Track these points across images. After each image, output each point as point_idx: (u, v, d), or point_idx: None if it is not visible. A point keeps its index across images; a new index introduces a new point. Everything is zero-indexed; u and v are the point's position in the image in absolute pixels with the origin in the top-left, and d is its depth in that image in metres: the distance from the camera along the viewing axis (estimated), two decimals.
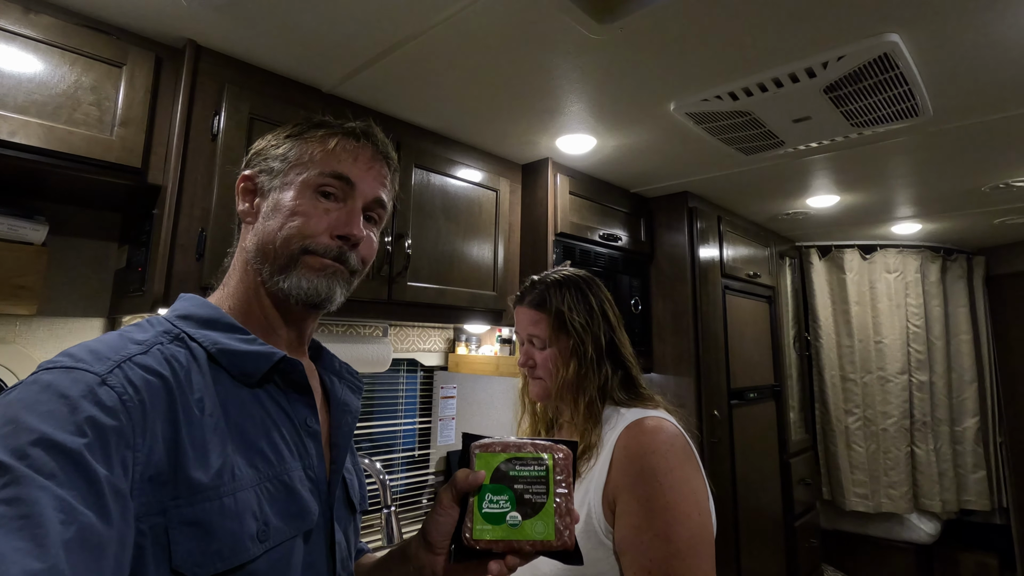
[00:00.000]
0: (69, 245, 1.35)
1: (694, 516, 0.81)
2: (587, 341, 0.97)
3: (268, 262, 0.64)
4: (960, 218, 2.71)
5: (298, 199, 0.64)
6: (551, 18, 1.14)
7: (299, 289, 0.63)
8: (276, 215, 0.64)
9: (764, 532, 2.45)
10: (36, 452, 0.41)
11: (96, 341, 0.53)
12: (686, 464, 0.84)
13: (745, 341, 2.51)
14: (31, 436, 0.42)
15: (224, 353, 0.59)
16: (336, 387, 0.73)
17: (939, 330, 3.11)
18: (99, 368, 0.49)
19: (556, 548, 0.58)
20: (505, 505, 0.60)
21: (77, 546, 0.40)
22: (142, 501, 0.47)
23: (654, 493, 0.81)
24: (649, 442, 0.85)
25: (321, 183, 0.65)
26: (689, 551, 0.78)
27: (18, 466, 0.40)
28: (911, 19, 1.14)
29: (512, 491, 0.60)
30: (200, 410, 0.54)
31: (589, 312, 1.00)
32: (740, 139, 1.72)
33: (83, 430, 0.44)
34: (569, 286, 1.02)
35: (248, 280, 0.66)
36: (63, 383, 0.46)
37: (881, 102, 1.45)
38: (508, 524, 0.59)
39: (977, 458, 3.05)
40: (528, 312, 1.03)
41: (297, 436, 0.62)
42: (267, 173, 0.68)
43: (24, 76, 1.04)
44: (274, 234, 0.64)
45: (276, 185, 0.66)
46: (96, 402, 0.46)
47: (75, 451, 0.43)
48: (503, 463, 0.62)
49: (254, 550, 0.52)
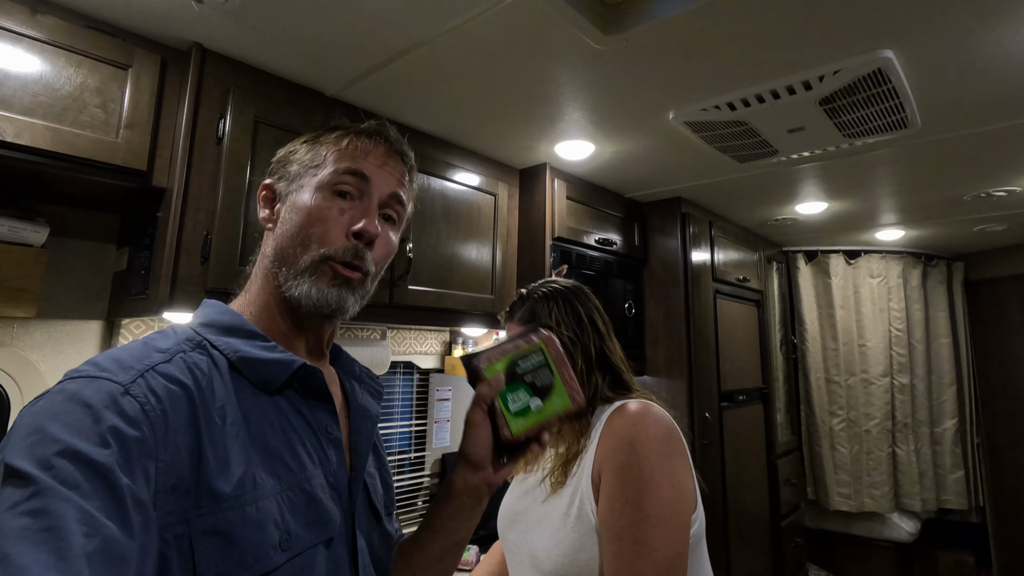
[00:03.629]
0: (67, 247, 1.33)
1: (666, 487, 0.81)
2: (576, 353, 0.97)
3: (285, 266, 0.64)
4: (941, 225, 2.79)
5: (314, 200, 0.64)
6: (558, 29, 1.16)
7: (309, 299, 0.62)
8: (293, 218, 0.64)
9: (752, 532, 2.50)
10: (61, 463, 0.41)
11: (121, 349, 0.53)
12: (668, 444, 0.85)
13: (735, 344, 2.55)
14: (56, 447, 0.42)
15: (244, 361, 0.59)
16: (356, 392, 0.72)
17: (920, 334, 3.20)
18: (122, 378, 0.49)
19: (574, 412, 0.68)
20: (525, 397, 0.68)
21: (100, 559, 0.40)
22: (165, 511, 0.47)
23: (629, 462, 0.82)
24: (632, 417, 0.87)
25: (336, 181, 0.64)
26: (659, 518, 0.79)
27: (43, 477, 0.40)
28: (904, 36, 1.18)
29: (525, 384, 0.69)
30: (222, 419, 0.54)
31: (578, 323, 1.00)
32: (735, 147, 1.76)
33: (106, 440, 0.44)
34: (556, 299, 1.03)
35: (268, 286, 0.66)
36: (87, 392, 0.46)
37: (873, 114, 1.49)
38: (534, 411, 0.67)
39: (956, 459, 3.14)
40: (517, 328, 1.04)
41: (318, 443, 0.62)
42: (284, 179, 0.68)
43: (30, 78, 1.04)
44: (292, 238, 0.64)
45: (292, 189, 0.66)
46: (119, 412, 0.46)
47: (99, 462, 0.43)
48: (508, 365, 0.70)
49: (277, 559, 0.52)
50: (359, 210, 0.65)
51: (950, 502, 3.12)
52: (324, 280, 0.63)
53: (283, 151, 0.71)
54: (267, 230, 0.69)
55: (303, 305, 0.63)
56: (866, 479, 3.05)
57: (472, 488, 0.68)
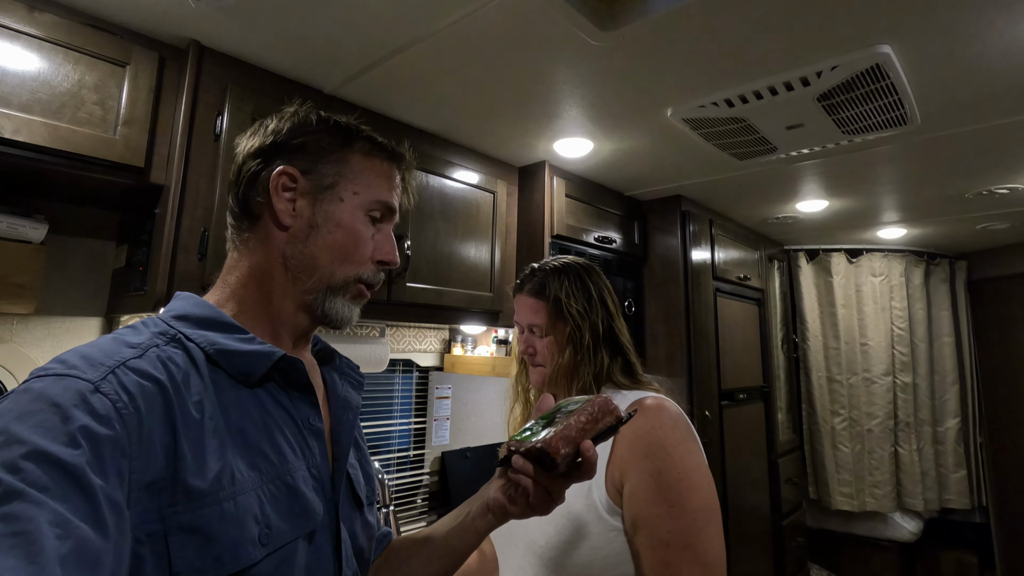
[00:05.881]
0: (66, 244, 1.34)
1: (704, 486, 0.82)
2: (584, 328, 0.97)
3: (315, 277, 0.64)
4: (944, 223, 2.78)
5: (356, 223, 0.66)
6: (554, 25, 1.16)
7: (337, 314, 0.65)
8: (334, 232, 0.64)
9: (753, 531, 2.49)
10: (29, 465, 0.40)
11: (89, 346, 0.52)
12: (690, 439, 0.86)
13: (735, 343, 2.55)
14: (23, 448, 0.41)
15: (222, 354, 0.58)
16: (337, 383, 0.72)
17: (922, 333, 3.18)
18: (92, 375, 0.47)
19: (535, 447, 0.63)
20: (540, 426, 0.68)
21: (73, 561, 0.39)
22: (139, 509, 0.46)
23: (665, 466, 0.81)
24: (655, 418, 0.85)
25: (374, 209, 0.68)
26: (704, 520, 0.79)
27: (11, 480, 0.39)
28: (903, 31, 1.18)
29: (551, 418, 0.68)
30: (199, 413, 0.53)
31: (588, 299, 1.00)
32: (734, 145, 1.75)
33: (76, 441, 0.43)
34: (568, 273, 1.02)
35: (271, 284, 0.64)
36: (54, 391, 0.45)
37: (872, 111, 1.49)
38: (528, 435, 0.67)
39: (958, 458, 3.12)
40: (528, 300, 1.03)
41: (300, 435, 0.61)
42: (311, 175, 0.65)
43: (28, 74, 1.04)
44: (330, 251, 0.64)
45: (327, 197, 0.65)
46: (89, 411, 0.45)
47: (69, 463, 0.42)
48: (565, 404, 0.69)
49: (256, 554, 0.52)
50: (385, 240, 0.69)
51: (953, 501, 3.10)
52: (353, 299, 0.67)
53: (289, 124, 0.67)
54: (278, 225, 0.64)
55: (329, 319, 0.66)
56: (868, 478, 3.03)
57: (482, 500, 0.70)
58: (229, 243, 0.68)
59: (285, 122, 0.68)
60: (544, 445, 0.61)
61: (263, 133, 0.67)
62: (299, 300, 0.64)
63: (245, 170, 0.66)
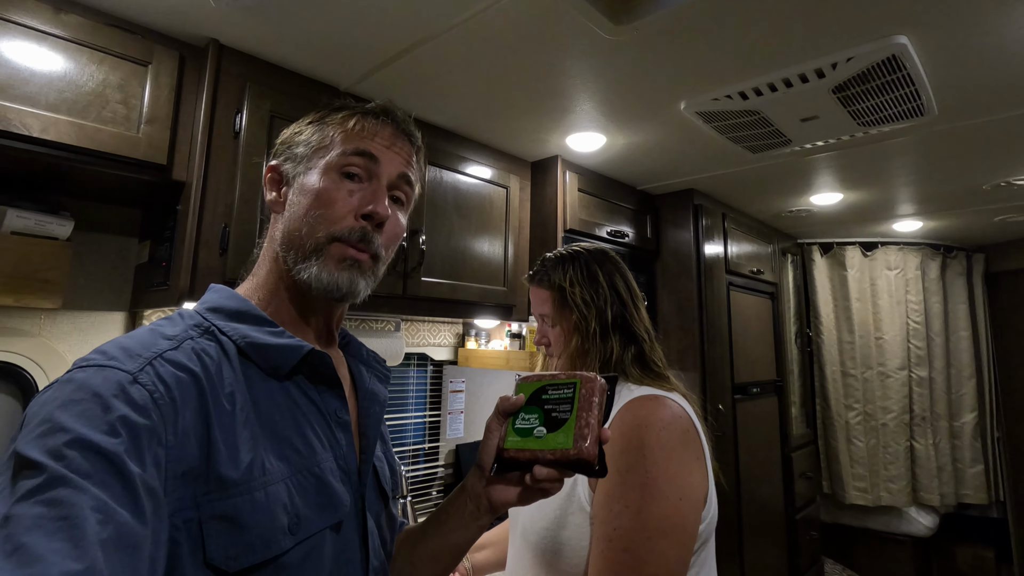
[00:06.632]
0: (91, 240, 1.37)
1: (672, 499, 0.76)
2: (590, 316, 0.95)
3: (293, 250, 0.64)
4: (961, 216, 2.75)
5: (322, 182, 0.64)
6: (568, 20, 1.16)
7: (319, 281, 0.62)
8: (301, 200, 0.64)
9: (766, 525, 2.50)
10: (72, 453, 0.42)
11: (128, 337, 0.54)
12: (681, 448, 0.80)
13: (748, 337, 2.54)
14: (67, 436, 0.43)
15: (253, 347, 0.59)
16: (364, 376, 0.73)
17: (939, 326, 3.15)
18: (131, 366, 0.49)
19: (572, 457, 0.61)
20: (534, 422, 0.66)
21: (114, 546, 0.40)
22: (175, 496, 0.48)
23: (635, 465, 0.77)
24: (646, 416, 0.81)
25: (344, 163, 0.64)
26: (657, 532, 0.74)
27: (56, 466, 0.41)
28: (919, 21, 1.17)
29: (542, 410, 0.66)
30: (231, 404, 0.54)
31: (594, 286, 0.98)
32: (748, 137, 1.75)
33: (116, 429, 0.45)
34: (573, 261, 1.01)
35: (277, 270, 0.66)
36: (95, 382, 0.47)
37: (888, 102, 1.48)
38: (535, 436, 0.64)
39: (975, 452, 3.10)
40: (537, 291, 1.03)
41: (328, 428, 0.63)
42: (291, 160, 0.68)
43: (55, 75, 1.07)
44: (300, 220, 0.64)
45: (300, 171, 0.66)
46: (128, 401, 0.47)
47: (110, 451, 0.43)
48: (538, 388, 0.69)
49: (285, 543, 0.53)
50: (368, 192, 0.65)
51: (969, 496, 3.08)
52: (332, 262, 0.63)
53: (288, 132, 0.71)
54: (275, 213, 0.69)
55: (313, 288, 0.63)
56: (883, 473, 3.02)
57: (475, 494, 0.68)
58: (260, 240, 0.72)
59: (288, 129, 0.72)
60: (584, 455, 0.60)
61: None
62: (293, 280, 0.64)
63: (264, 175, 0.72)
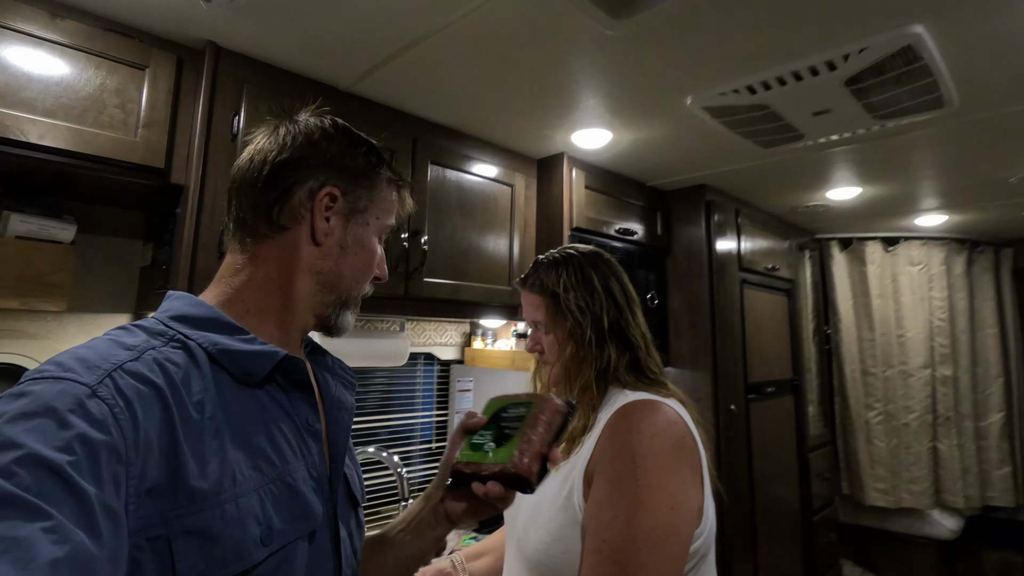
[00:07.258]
0: (96, 243, 1.39)
1: (664, 509, 0.73)
2: (585, 323, 0.92)
3: (336, 293, 0.67)
4: (987, 210, 2.65)
5: (374, 246, 0.71)
6: (567, 14, 1.14)
7: (346, 326, 0.70)
8: (360, 255, 0.69)
9: (781, 526, 2.44)
10: (22, 470, 0.40)
11: (85, 347, 0.51)
12: (675, 455, 0.77)
13: (763, 335, 2.49)
14: (17, 452, 0.40)
15: (225, 354, 0.57)
16: (330, 384, 0.71)
17: (964, 324, 3.05)
18: (88, 378, 0.46)
19: (509, 471, 0.63)
20: (488, 438, 0.69)
21: (66, 568, 0.38)
22: (140, 515, 0.46)
23: (626, 474, 0.75)
24: (639, 421, 0.79)
25: (384, 232, 0.72)
26: (647, 544, 0.71)
27: (5, 485, 0.39)
28: (935, 10, 1.11)
29: (497, 427, 0.70)
30: (199, 413, 0.53)
31: (589, 291, 0.95)
32: (758, 132, 1.70)
33: (71, 447, 0.42)
34: (567, 265, 0.97)
35: (294, 294, 0.64)
36: (50, 395, 0.44)
37: (905, 94, 1.42)
38: (484, 451, 0.68)
39: (1002, 454, 2.99)
40: (529, 296, 1.00)
41: (299, 436, 0.61)
42: (350, 199, 0.67)
43: (52, 80, 1.07)
44: (354, 271, 0.68)
45: (358, 221, 0.68)
46: (85, 416, 0.44)
47: (64, 469, 0.41)
48: (500, 407, 0.73)
49: (258, 554, 0.52)
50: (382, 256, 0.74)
51: (996, 499, 2.98)
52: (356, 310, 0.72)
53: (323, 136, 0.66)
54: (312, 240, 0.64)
55: (337, 329, 0.69)
56: (904, 474, 2.93)
57: (433, 504, 0.72)
58: (233, 243, 0.66)
59: (319, 134, 0.66)
60: (517, 469, 0.62)
61: (295, 144, 0.65)
62: (319, 311, 0.68)
63: (277, 178, 0.64)
